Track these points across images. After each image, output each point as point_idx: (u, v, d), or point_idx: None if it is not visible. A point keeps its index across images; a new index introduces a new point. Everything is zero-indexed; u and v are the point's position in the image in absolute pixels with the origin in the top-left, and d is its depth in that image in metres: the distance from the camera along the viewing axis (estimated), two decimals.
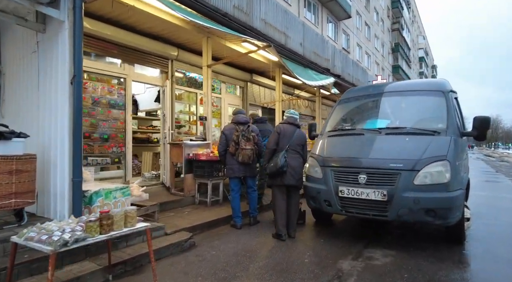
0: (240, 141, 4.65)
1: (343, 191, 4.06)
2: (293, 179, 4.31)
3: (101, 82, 5.97)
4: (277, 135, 4.43)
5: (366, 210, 3.93)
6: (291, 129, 4.46)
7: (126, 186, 3.91)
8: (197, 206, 5.70)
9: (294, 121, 4.57)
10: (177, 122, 7.53)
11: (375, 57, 32.64)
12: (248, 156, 4.65)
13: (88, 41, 5.56)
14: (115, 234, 2.43)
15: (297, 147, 4.43)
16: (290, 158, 4.31)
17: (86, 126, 5.68)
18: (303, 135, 4.57)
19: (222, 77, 8.77)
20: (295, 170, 4.32)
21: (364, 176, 3.97)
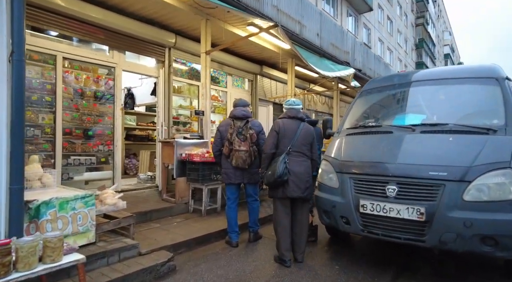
0: (233, 140, 3.78)
1: (365, 206, 3.12)
2: (298, 189, 3.34)
3: (85, 71, 5.25)
4: (275, 135, 3.46)
5: (396, 232, 2.98)
6: (294, 125, 3.47)
7: (89, 194, 3.13)
8: (190, 215, 4.88)
9: (296, 114, 3.53)
10: (176, 118, 6.75)
11: (398, 53, 30.94)
12: (243, 160, 3.76)
13: (69, 24, 4.85)
14: (17, 278, 1.61)
15: (302, 147, 3.44)
16: (293, 162, 3.35)
17: (67, 121, 4.98)
18: (309, 131, 3.54)
19: (228, 69, 7.93)
20: (300, 177, 3.34)
21: (393, 187, 3.01)
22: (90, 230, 3.10)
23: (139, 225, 4.26)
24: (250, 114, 3.99)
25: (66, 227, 2.91)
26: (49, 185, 3.38)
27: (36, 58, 4.66)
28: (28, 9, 4.41)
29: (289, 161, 3.33)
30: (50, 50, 4.76)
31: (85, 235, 3.07)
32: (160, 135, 5.92)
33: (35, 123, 4.63)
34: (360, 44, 11.77)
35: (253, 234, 4.10)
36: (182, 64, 6.84)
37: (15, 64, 2.61)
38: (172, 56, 6.41)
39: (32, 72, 4.62)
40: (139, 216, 4.36)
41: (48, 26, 4.68)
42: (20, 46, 2.65)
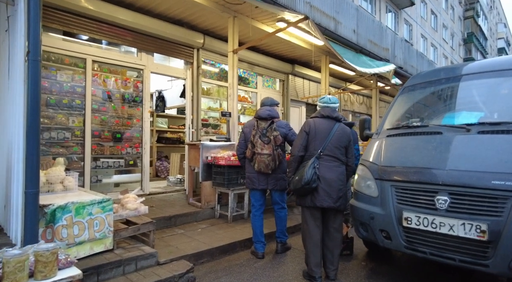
0: (256, 142, 3.48)
1: (409, 219, 2.66)
2: (329, 199, 2.93)
3: (114, 74, 5.27)
4: (304, 136, 3.09)
5: (449, 252, 2.49)
6: (327, 126, 3.08)
7: (107, 199, 3.00)
8: (216, 221, 4.65)
9: (330, 113, 3.13)
10: (205, 120, 6.61)
11: (443, 49, 28.79)
12: (265, 164, 3.44)
13: (98, 27, 4.88)
14: None
15: (335, 150, 3.03)
16: (324, 167, 2.96)
17: (96, 123, 5.01)
18: (346, 132, 3.13)
19: (259, 69, 7.66)
20: (331, 185, 2.94)
21: (444, 197, 2.53)
22: (107, 236, 2.97)
23: (163, 230, 4.12)
24: (276, 114, 3.64)
25: (82, 233, 2.79)
26: (71, 188, 3.33)
27: (67, 62, 4.74)
28: (59, 14, 4.50)
29: (319, 165, 2.97)
30: (80, 54, 4.82)
31: (102, 241, 2.94)
32: (188, 138, 5.80)
33: (65, 126, 4.70)
34: (400, 40, 10.95)
35: (280, 244, 3.76)
36: (211, 65, 6.70)
37: (31, 64, 2.55)
38: (200, 57, 6.28)
39: (63, 76, 4.70)
40: (163, 221, 4.23)
41: (79, 30, 4.73)
42: (36, 46, 2.59)
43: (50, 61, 4.59)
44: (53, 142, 4.58)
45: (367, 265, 3.52)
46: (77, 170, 4.76)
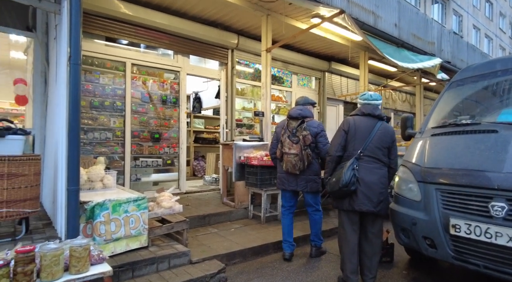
0: (284, 141, 3.40)
1: (458, 227, 2.41)
2: (369, 202, 2.73)
3: (152, 76, 5.46)
4: (342, 135, 2.91)
5: (508, 266, 2.20)
6: (368, 124, 2.87)
7: (142, 197, 3.08)
8: (249, 221, 4.62)
9: (372, 111, 2.91)
10: (239, 120, 6.62)
11: (500, 40, 26.32)
12: (292, 164, 3.33)
13: (137, 31, 5.08)
14: None
15: (377, 151, 2.82)
16: (363, 169, 2.77)
17: (135, 124, 5.23)
18: (389, 132, 2.89)
19: (293, 68, 7.52)
20: (371, 188, 2.74)
21: (501, 204, 2.26)
22: (142, 233, 3.05)
23: (197, 229, 4.17)
24: (308, 113, 3.49)
25: (119, 230, 2.89)
26: (109, 186, 3.47)
27: (108, 66, 4.99)
28: (102, 21, 4.75)
29: (359, 167, 2.77)
30: (120, 58, 5.05)
31: (138, 238, 3.03)
32: (222, 138, 5.84)
33: (107, 127, 4.95)
34: (448, 33, 10.15)
35: (315, 248, 3.62)
36: (245, 65, 6.70)
37: (72, 68, 2.67)
38: (234, 57, 6.30)
39: (105, 79, 4.95)
40: (197, 220, 4.28)
41: (119, 35, 4.96)
42: (76, 51, 2.70)
43: (93, 65, 4.87)
44: (96, 141, 4.85)
45: (409, 274, 3.26)
46: (118, 169, 5.00)
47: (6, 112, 6.08)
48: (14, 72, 5.31)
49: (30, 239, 2.82)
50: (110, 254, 2.81)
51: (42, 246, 1.57)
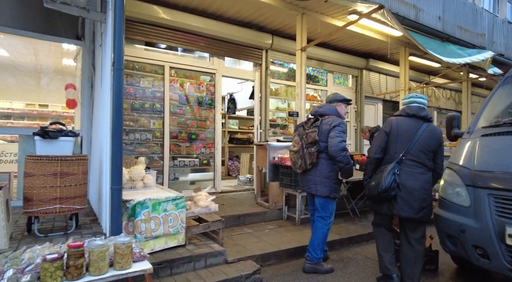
0: (292, 140, 3.36)
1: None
2: (410, 209, 2.62)
3: (188, 79, 5.62)
4: (383, 137, 2.82)
5: None
6: (412, 126, 2.75)
7: (180, 196, 3.17)
8: (284, 222, 4.59)
9: (418, 111, 2.78)
10: (273, 121, 6.61)
11: None
12: (293, 162, 3.25)
13: (174, 35, 5.26)
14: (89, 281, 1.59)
15: (420, 155, 2.69)
16: (405, 173, 2.66)
17: (173, 125, 5.41)
18: (436, 134, 2.76)
19: (329, 66, 7.35)
20: (413, 194, 2.62)
21: None
22: (180, 232, 3.14)
23: (232, 228, 4.22)
24: (327, 111, 3.23)
25: (158, 228, 3.00)
26: (149, 185, 3.62)
27: (148, 69, 5.22)
28: (142, 27, 4.97)
29: (400, 171, 2.66)
30: (159, 61, 5.26)
31: (176, 237, 3.12)
32: (256, 139, 5.86)
33: (147, 128, 5.17)
34: (501, 22, 9.35)
35: (307, 262, 3.17)
36: (279, 65, 6.66)
37: (115, 73, 2.81)
38: (269, 58, 6.29)
39: (145, 82, 5.18)
40: (232, 219, 4.33)
41: (158, 40, 5.16)
42: (119, 57, 2.84)
43: (134, 69, 5.12)
44: (137, 142, 5.09)
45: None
46: (157, 169, 5.20)
47: (58, 115, 6.59)
48: (65, 78, 5.74)
49: (79, 234, 3.01)
50: (150, 251, 2.92)
51: (90, 242, 1.67)
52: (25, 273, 1.51)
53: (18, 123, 6.36)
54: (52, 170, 2.85)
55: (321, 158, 3.11)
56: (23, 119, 6.58)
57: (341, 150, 3.00)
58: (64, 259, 1.59)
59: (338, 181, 3.17)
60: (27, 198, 2.80)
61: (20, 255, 1.74)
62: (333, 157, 3.02)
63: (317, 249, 3.14)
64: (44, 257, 1.52)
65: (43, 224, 3.25)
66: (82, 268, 1.59)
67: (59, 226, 3.22)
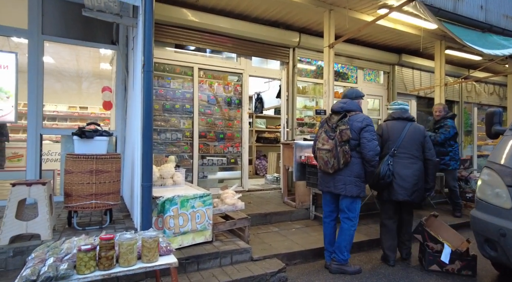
0: (319, 136, 3.18)
1: None
2: (404, 192, 3.22)
3: (216, 80, 5.72)
4: (377, 139, 3.25)
5: None
6: (399, 126, 3.41)
7: (207, 194, 3.26)
8: (311, 222, 4.54)
9: (401, 114, 3.46)
10: (300, 119, 6.55)
11: None
12: (324, 161, 3.05)
13: (203, 37, 5.38)
14: (118, 272, 1.69)
15: (410, 148, 3.33)
16: (398, 164, 3.27)
17: (202, 125, 5.54)
18: (418, 131, 3.39)
19: (359, 62, 7.15)
20: (405, 180, 3.23)
21: None
22: (207, 228, 3.22)
23: (258, 226, 4.24)
24: (353, 106, 3.13)
25: (186, 224, 3.10)
26: (179, 182, 3.74)
27: (178, 71, 5.39)
28: (172, 30, 5.14)
29: (394, 163, 3.27)
30: (188, 63, 5.41)
31: (203, 233, 3.20)
32: (283, 137, 5.85)
33: (177, 128, 5.34)
34: None
35: (334, 262, 3.12)
36: (306, 63, 6.59)
37: (145, 74, 2.93)
38: (296, 56, 6.25)
39: (175, 84, 5.35)
40: (259, 218, 4.36)
41: (187, 42, 5.31)
42: (149, 59, 2.96)
43: (165, 71, 5.31)
44: (168, 141, 5.27)
45: None
46: (187, 167, 5.37)
47: (97, 116, 6.98)
48: (103, 81, 6.08)
49: (112, 228, 3.19)
50: (178, 247, 3.03)
51: (120, 236, 1.77)
52: (63, 261, 1.64)
53: (62, 125, 6.84)
54: (88, 168, 3.04)
55: (352, 156, 3.02)
56: (66, 121, 7.07)
57: (377, 155, 2.99)
58: (97, 250, 1.70)
59: (365, 180, 3.10)
60: (67, 193, 3.01)
61: (60, 245, 1.88)
62: (367, 160, 2.98)
63: (344, 250, 3.07)
64: (79, 247, 1.63)
65: (81, 218, 3.47)
66: (112, 260, 1.69)
67: (95, 221, 3.42)
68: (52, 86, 6.62)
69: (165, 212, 3.02)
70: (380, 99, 7.65)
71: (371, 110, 7.56)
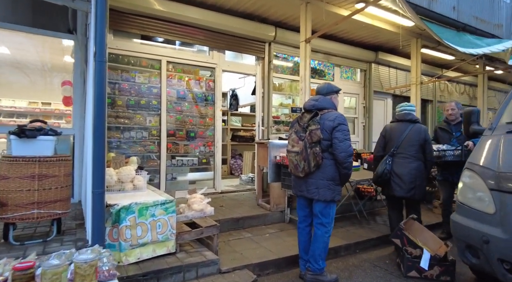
0: (289, 137, 2.91)
1: None
2: (401, 190, 3.52)
3: (187, 74, 5.35)
4: (381, 139, 3.79)
5: None
6: (401, 128, 3.64)
7: (169, 200, 2.92)
8: (286, 225, 4.31)
9: (404, 117, 3.68)
10: (276, 117, 6.30)
11: None
12: (294, 164, 2.77)
13: (171, 28, 4.99)
14: None
15: (408, 148, 3.55)
16: (396, 164, 3.57)
17: (171, 123, 5.16)
18: (418, 132, 3.57)
19: (336, 59, 6.99)
20: (402, 178, 3.51)
21: None
22: (170, 239, 2.89)
23: (230, 232, 3.96)
24: (325, 104, 2.83)
25: (145, 235, 2.76)
26: (140, 187, 3.37)
27: (144, 64, 4.97)
28: (137, 19, 4.72)
29: (393, 162, 3.57)
30: (156, 56, 5.01)
31: (165, 244, 2.87)
32: (258, 136, 5.58)
33: (143, 126, 4.93)
34: None
35: (309, 273, 2.82)
36: (283, 59, 6.35)
37: (97, 65, 2.53)
38: (272, 51, 5.98)
39: (141, 78, 4.94)
40: (231, 223, 4.07)
41: (154, 33, 4.90)
42: (101, 48, 2.56)
43: (129, 64, 4.88)
44: (132, 141, 4.86)
45: None
46: (154, 168, 4.98)
47: (61, 113, 6.34)
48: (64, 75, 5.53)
49: (59, 241, 2.79)
50: (136, 260, 2.69)
51: (42, 262, 1.42)
52: None
53: (21, 122, 6.19)
54: (29, 172, 2.62)
55: (323, 158, 2.75)
56: (26, 118, 6.41)
57: (350, 156, 2.73)
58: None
59: (339, 182, 2.85)
60: (1, 202, 2.58)
61: None
62: (340, 162, 2.71)
63: (318, 259, 2.81)
64: None
65: (24, 230, 3.03)
66: None
67: (41, 232, 2.99)
68: (8, 79, 5.98)
69: (121, 222, 2.67)
70: (356, 97, 7.54)
71: (347, 109, 7.45)
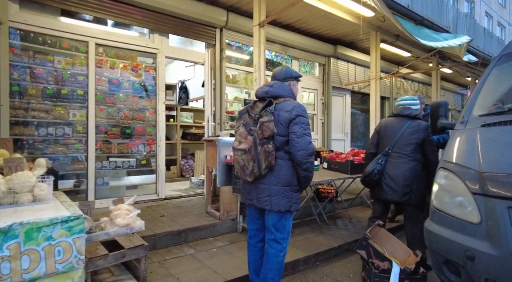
0: (236, 132, 2.30)
1: None
2: (393, 193, 3.00)
3: (122, 60, 4.54)
4: (375, 135, 3.30)
5: None
6: (397, 124, 3.14)
7: (76, 217, 2.18)
8: (237, 236, 3.72)
9: (401, 111, 3.18)
10: (231, 113, 5.70)
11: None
12: (240, 166, 2.19)
13: (102, 4, 4.16)
14: None
15: (405, 147, 3.04)
16: (390, 164, 3.06)
17: (101, 117, 4.32)
18: (417, 129, 3.05)
19: (294, 52, 6.56)
20: (395, 180, 2.99)
21: None
22: (75, 267, 2.15)
23: (169, 249, 3.28)
24: (281, 91, 2.27)
25: (36, 266, 1.99)
26: (43, 198, 2.55)
27: (66, 46, 4.09)
28: None
29: (386, 162, 3.09)
30: (81, 36, 4.14)
31: (68, 275, 2.12)
32: (207, 133, 4.93)
33: (65, 121, 4.05)
34: (464, 16, 9.15)
35: None
36: (237, 48, 5.76)
37: None
38: (224, 38, 5.36)
39: (62, 62, 4.05)
40: (170, 237, 3.39)
41: (78, 8, 4.03)
42: None
43: (45, 45, 3.97)
44: (51, 139, 3.96)
45: None
46: (80, 172, 4.14)
47: None
48: None
49: None
50: None
51: None
52: None
53: None
54: None
55: (278, 157, 2.20)
56: None
57: (311, 155, 2.16)
58: None
59: (298, 188, 2.31)
60: None
61: None
62: (298, 163, 2.16)
63: (270, 280, 2.26)
64: None
65: None
66: None
67: None
68: None
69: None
70: (315, 93, 7.19)
71: (306, 105, 7.06)
